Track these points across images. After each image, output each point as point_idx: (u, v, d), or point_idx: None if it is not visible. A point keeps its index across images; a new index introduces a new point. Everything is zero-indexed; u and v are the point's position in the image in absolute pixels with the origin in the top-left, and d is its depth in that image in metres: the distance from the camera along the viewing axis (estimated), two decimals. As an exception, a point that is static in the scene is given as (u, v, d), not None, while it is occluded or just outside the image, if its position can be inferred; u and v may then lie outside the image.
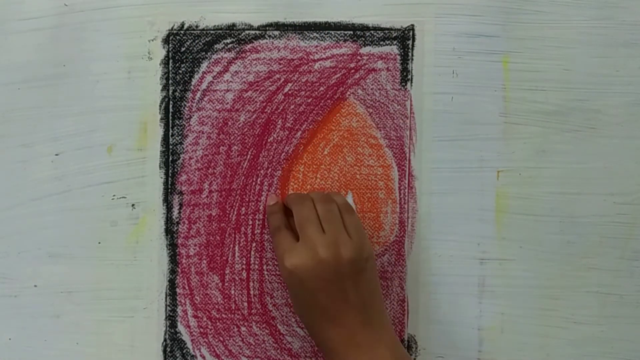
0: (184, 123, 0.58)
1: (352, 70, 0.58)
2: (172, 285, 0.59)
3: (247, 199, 0.58)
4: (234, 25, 0.58)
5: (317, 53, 0.58)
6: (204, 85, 0.58)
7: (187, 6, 0.58)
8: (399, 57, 0.58)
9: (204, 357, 0.58)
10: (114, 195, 0.58)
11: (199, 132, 0.58)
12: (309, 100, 0.58)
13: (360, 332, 0.49)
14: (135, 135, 0.58)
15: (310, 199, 0.54)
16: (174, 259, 0.59)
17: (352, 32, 0.58)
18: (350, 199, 0.58)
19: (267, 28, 0.58)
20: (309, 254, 0.50)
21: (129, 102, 0.58)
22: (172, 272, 0.59)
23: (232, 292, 0.58)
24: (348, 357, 0.49)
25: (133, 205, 0.58)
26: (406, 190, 0.58)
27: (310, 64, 0.58)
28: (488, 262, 0.58)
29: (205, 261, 0.58)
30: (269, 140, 0.58)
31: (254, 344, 0.58)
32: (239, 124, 0.58)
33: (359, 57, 0.58)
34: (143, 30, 0.58)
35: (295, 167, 0.58)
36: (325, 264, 0.49)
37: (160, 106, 0.58)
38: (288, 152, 0.58)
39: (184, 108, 0.58)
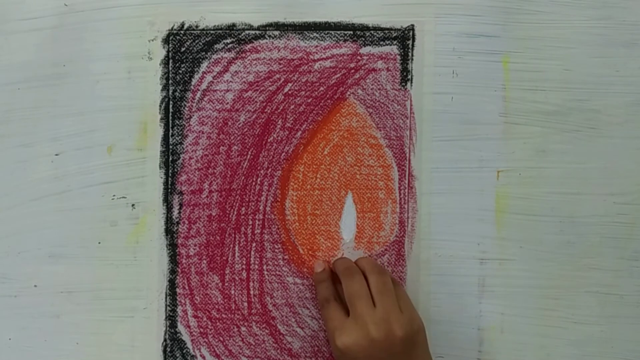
0: (184, 123, 0.58)
1: (352, 70, 0.58)
2: (172, 285, 0.59)
3: (247, 199, 0.58)
4: (234, 25, 0.58)
5: (317, 53, 0.58)
6: (204, 85, 0.58)
7: (187, 6, 0.58)
8: (399, 57, 0.58)
9: (204, 357, 0.58)
10: (114, 195, 0.58)
11: (199, 132, 0.58)
12: (309, 100, 0.58)
13: None
14: (135, 135, 0.58)
15: (360, 271, 0.53)
16: (174, 259, 0.59)
17: (352, 32, 0.58)
18: (350, 199, 0.58)
19: (267, 28, 0.58)
20: (361, 333, 0.49)
21: (129, 102, 0.58)
22: (172, 272, 0.59)
23: (232, 292, 0.58)
24: None
25: (133, 205, 0.58)
26: (406, 190, 0.58)
27: (310, 64, 0.58)
28: (488, 262, 0.58)
29: (205, 261, 0.58)
30: (269, 140, 0.58)
31: (254, 344, 0.58)
32: (239, 124, 0.58)
33: (359, 57, 0.58)
34: (143, 30, 0.58)
35: (295, 167, 0.58)
36: (378, 343, 0.48)
37: (160, 106, 0.58)
38: (288, 152, 0.58)
39: (184, 108, 0.58)
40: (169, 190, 0.58)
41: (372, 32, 0.58)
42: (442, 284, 0.58)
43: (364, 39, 0.58)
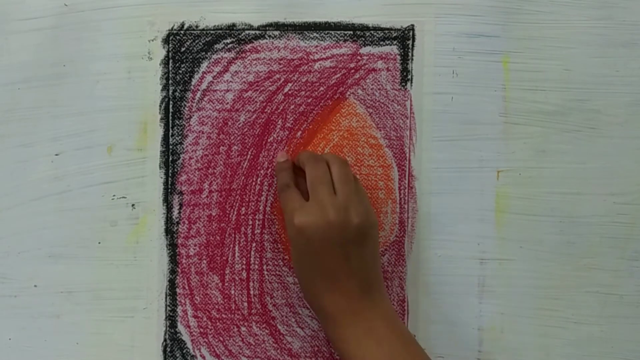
0: (184, 123, 0.58)
1: (352, 70, 0.58)
2: (172, 285, 0.59)
3: (247, 199, 0.58)
4: (234, 25, 0.58)
5: (317, 53, 0.58)
6: (204, 85, 0.58)
7: (187, 6, 0.58)
8: (399, 57, 0.58)
9: (203, 357, 0.58)
10: (114, 195, 0.58)
11: (199, 132, 0.58)
12: (309, 100, 0.58)
13: (359, 300, 0.50)
14: (135, 135, 0.58)
15: (324, 160, 0.54)
16: (174, 259, 0.58)
17: (352, 32, 0.58)
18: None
19: (267, 28, 0.58)
20: (320, 214, 0.50)
21: (129, 102, 0.58)
22: (172, 272, 0.58)
23: (232, 292, 0.58)
24: (344, 323, 0.49)
25: (133, 205, 0.58)
26: (406, 190, 0.58)
27: (310, 64, 0.58)
28: (488, 262, 0.58)
29: (205, 261, 0.58)
30: (269, 140, 0.58)
31: (254, 344, 0.58)
32: (239, 124, 0.58)
33: (359, 57, 0.58)
34: (143, 30, 0.58)
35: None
36: (335, 225, 0.49)
37: (160, 106, 0.58)
38: (288, 152, 0.58)
39: (184, 108, 0.58)
40: (169, 190, 0.58)
41: (372, 32, 0.58)
42: (442, 284, 0.58)
43: (364, 39, 0.58)
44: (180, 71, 0.58)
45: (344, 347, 0.49)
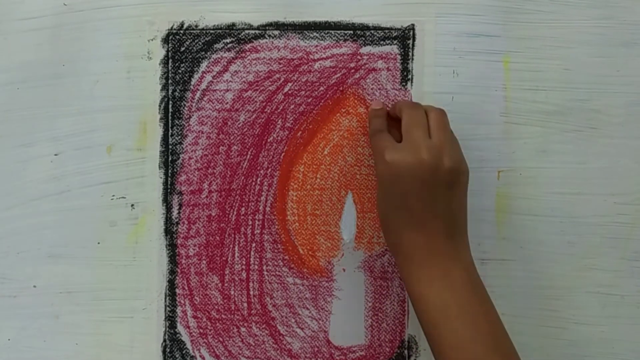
0: (184, 123, 0.58)
1: (352, 70, 0.58)
2: (171, 285, 0.58)
3: (246, 199, 0.58)
4: (233, 24, 0.58)
5: (317, 53, 0.58)
6: (203, 85, 0.58)
7: (186, 6, 0.58)
8: (399, 57, 0.58)
9: (203, 358, 0.58)
10: (113, 196, 0.58)
11: (199, 132, 0.58)
12: (309, 100, 0.58)
13: (442, 244, 0.49)
14: (135, 135, 0.58)
15: (423, 107, 0.53)
16: (173, 259, 0.58)
17: (352, 32, 0.58)
18: (350, 199, 0.58)
19: (267, 28, 0.58)
20: (412, 153, 0.49)
21: (129, 102, 0.58)
22: (172, 272, 0.58)
23: (232, 292, 0.58)
24: (423, 264, 0.49)
25: (132, 205, 0.58)
26: (406, 190, 0.58)
27: (310, 63, 0.58)
28: (488, 262, 0.58)
29: (204, 261, 0.58)
30: (268, 140, 0.58)
31: (253, 344, 0.58)
32: (239, 123, 0.58)
33: (359, 57, 0.58)
34: (142, 29, 0.58)
35: (295, 167, 0.58)
36: (426, 165, 0.49)
37: (159, 106, 0.58)
38: (288, 152, 0.58)
39: (183, 108, 0.58)
40: (169, 190, 0.58)
41: (372, 31, 0.58)
42: (442, 284, 0.58)
43: (364, 39, 0.58)
44: (180, 71, 0.58)
45: (415, 285, 0.49)
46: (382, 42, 0.58)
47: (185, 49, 0.58)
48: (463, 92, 0.58)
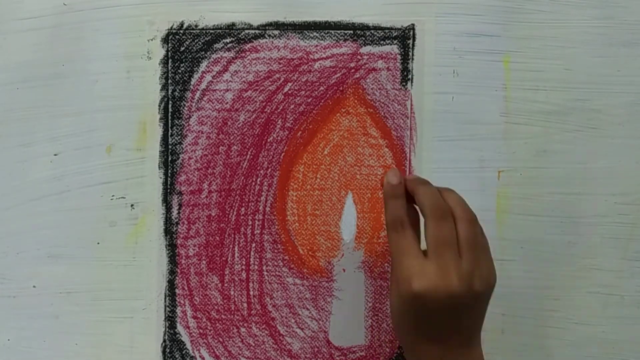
0: (184, 123, 0.58)
1: (352, 70, 0.58)
2: (171, 285, 0.58)
3: (246, 199, 0.58)
4: (233, 24, 0.58)
5: (317, 52, 0.58)
6: (203, 85, 0.58)
7: (186, 5, 0.58)
8: (399, 57, 0.58)
9: (203, 358, 0.58)
10: (113, 196, 0.58)
11: (199, 132, 0.58)
12: (309, 100, 0.58)
13: (458, 355, 0.47)
14: (135, 135, 0.58)
15: (451, 213, 0.48)
16: (173, 259, 0.58)
17: (352, 32, 0.58)
18: (350, 199, 0.58)
19: (267, 27, 0.58)
20: (442, 284, 0.45)
21: (128, 102, 0.58)
22: (172, 272, 0.58)
23: (232, 292, 0.58)
24: None
25: (132, 205, 0.58)
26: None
27: (310, 63, 0.58)
28: (489, 262, 0.58)
29: (204, 262, 0.58)
30: (268, 140, 0.58)
31: (253, 345, 0.58)
32: (239, 123, 0.58)
33: (359, 57, 0.58)
34: (142, 29, 0.58)
35: (295, 167, 0.58)
36: (456, 297, 0.45)
37: (159, 106, 0.58)
38: (288, 152, 0.58)
39: (183, 108, 0.58)
40: (168, 190, 0.58)
41: (372, 31, 0.58)
42: (442, 284, 0.58)
43: (364, 39, 0.58)
44: (180, 71, 0.58)
45: None
46: (382, 42, 0.58)
47: (185, 49, 0.58)
48: (463, 92, 0.58)
